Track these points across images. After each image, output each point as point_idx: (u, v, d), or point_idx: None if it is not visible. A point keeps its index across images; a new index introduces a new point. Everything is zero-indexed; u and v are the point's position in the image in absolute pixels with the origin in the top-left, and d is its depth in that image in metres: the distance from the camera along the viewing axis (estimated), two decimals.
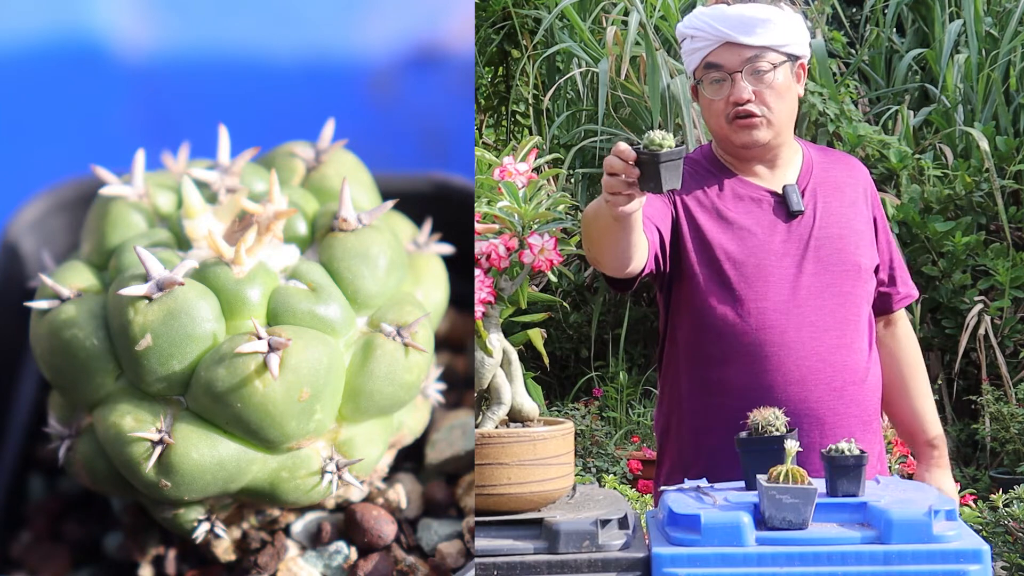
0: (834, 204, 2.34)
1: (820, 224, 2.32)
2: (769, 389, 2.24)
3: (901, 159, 5.29)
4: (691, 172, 2.35)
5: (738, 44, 2.27)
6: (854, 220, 2.35)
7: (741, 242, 2.28)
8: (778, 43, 2.28)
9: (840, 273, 2.30)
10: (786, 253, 2.29)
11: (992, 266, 5.11)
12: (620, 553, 1.85)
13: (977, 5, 5.86)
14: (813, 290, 2.28)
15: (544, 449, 1.93)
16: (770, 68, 2.27)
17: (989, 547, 1.81)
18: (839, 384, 2.28)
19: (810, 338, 2.27)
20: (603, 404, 5.46)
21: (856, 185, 2.39)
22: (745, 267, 2.27)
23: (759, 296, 2.27)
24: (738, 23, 2.27)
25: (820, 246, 2.30)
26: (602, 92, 5.40)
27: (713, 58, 2.29)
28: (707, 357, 2.29)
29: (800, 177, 2.36)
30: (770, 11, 2.29)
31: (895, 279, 2.43)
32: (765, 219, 2.31)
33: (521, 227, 1.95)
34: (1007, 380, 5.02)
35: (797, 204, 2.31)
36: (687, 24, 2.33)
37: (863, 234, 2.35)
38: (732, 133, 2.31)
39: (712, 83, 2.30)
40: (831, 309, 2.29)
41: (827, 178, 2.37)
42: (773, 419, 2.01)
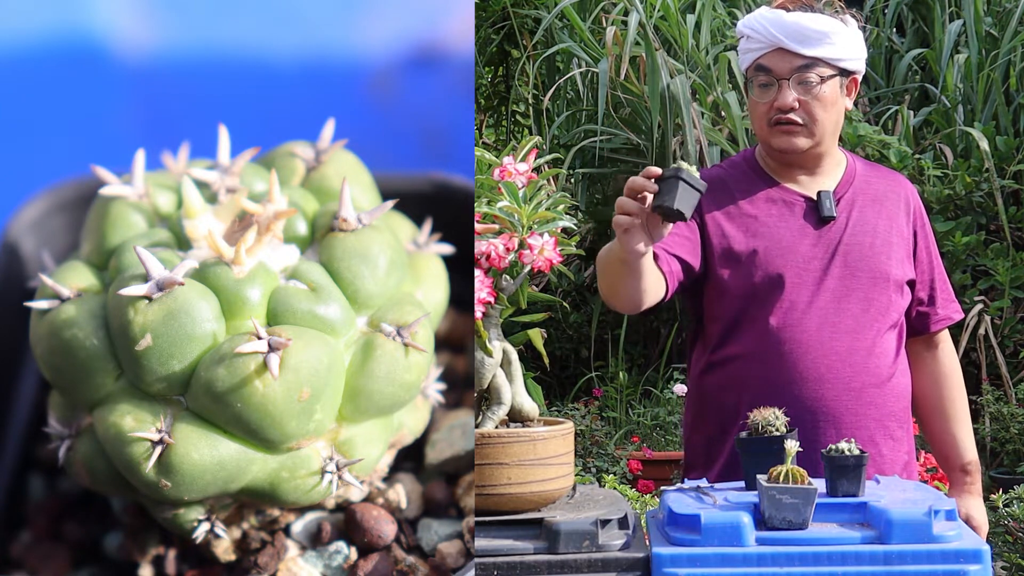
0: (870, 214, 2.35)
1: (852, 231, 2.33)
2: (786, 386, 2.26)
3: (901, 159, 5.29)
4: (727, 174, 2.38)
5: (790, 52, 2.28)
6: (889, 232, 2.35)
7: (768, 245, 2.30)
8: (831, 57, 2.28)
9: (867, 280, 2.31)
10: (814, 257, 2.30)
11: (992, 266, 5.11)
12: (620, 553, 1.85)
13: (977, 5, 5.86)
14: (837, 292, 2.29)
15: (544, 449, 1.93)
16: (818, 81, 2.28)
17: (989, 547, 1.81)
18: (858, 385, 2.28)
19: (829, 338, 2.28)
20: (603, 404, 5.46)
21: (898, 200, 2.39)
22: (774, 267, 2.29)
23: (781, 296, 2.28)
24: (794, 32, 2.27)
25: (848, 252, 2.31)
26: (602, 92, 5.40)
27: (764, 61, 2.30)
28: (728, 354, 2.32)
29: (839, 186, 2.36)
30: (830, 24, 2.28)
31: (935, 299, 2.42)
32: (795, 223, 2.33)
33: (521, 227, 1.95)
34: (1007, 380, 5.02)
35: (829, 210, 2.32)
36: (745, 23, 2.34)
37: (896, 246, 2.35)
38: (771, 136, 2.32)
39: (760, 86, 2.31)
40: (854, 313, 2.30)
41: (867, 189, 2.37)
42: (773, 419, 2.01)
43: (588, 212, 5.88)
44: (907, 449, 2.38)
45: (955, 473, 2.42)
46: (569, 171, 5.62)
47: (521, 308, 2.01)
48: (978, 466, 2.43)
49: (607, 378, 5.64)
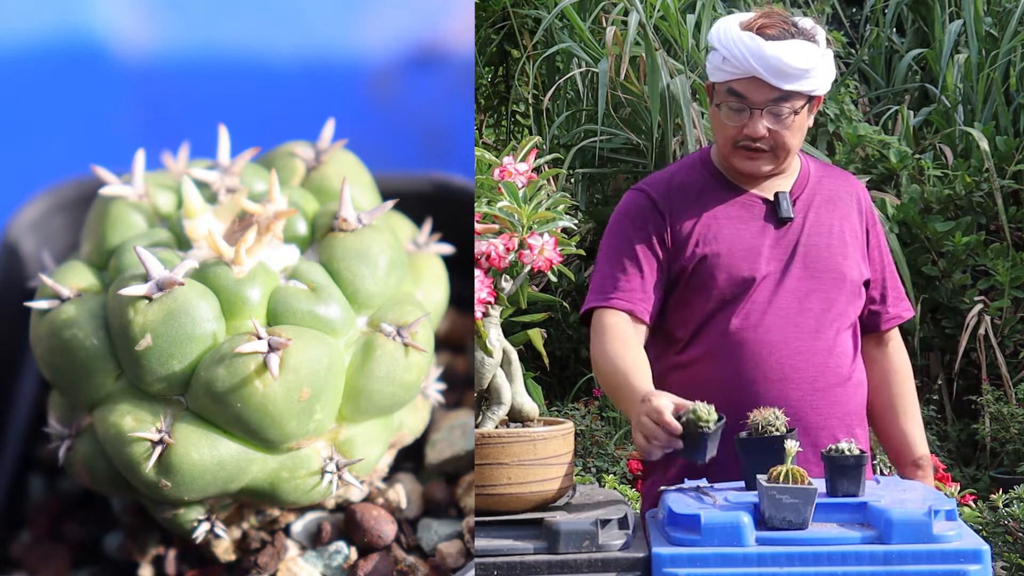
0: (825, 215, 2.37)
1: (809, 232, 2.34)
2: (750, 385, 2.26)
3: (901, 159, 5.29)
4: (687, 177, 2.38)
5: (767, 84, 2.25)
6: (844, 232, 2.37)
7: (730, 248, 2.31)
8: (807, 90, 2.28)
9: (826, 280, 2.33)
10: (773, 257, 2.32)
11: (992, 266, 5.11)
12: (620, 553, 1.85)
13: (977, 5, 5.86)
14: (797, 293, 2.31)
15: (544, 449, 1.93)
16: (790, 112, 2.28)
17: (989, 547, 1.81)
18: (822, 384, 2.30)
19: (793, 338, 2.29)
20: (603, 404, 5.45)
21: (851, 200, 2.42)
22: (732, 269, 2.30)
23: (744, 298, 2.29)
24: (775, 68, 2.24)
25: (807, 252, 2.33)
26: (602, 92, 5.40)
27: (739, 87, 2.27)
28: (692, 355, 2.32)
29: (795, 187, 2.38)
30: (809, 58, 2.26)
31: (886, 298, 2.44)
32: (755, 225, 2.34)
33: (521, 227, 1.95)
34: (1007, 380, 5.02)
35: (786, 211, 2.34)
36: (722, 42, 2.29)
37: (851, 246, 2.37)
38: (735, 157, 2.32)
39: (731, 109, 2.29)
40: (815, 313, 2.31)
41: (821, 190, 2.39)
42: (773, 419, 2.01)
43: (588, 212, 5.88)
44: (866, 447, 2.40)
45: (908, 468, 2.43)
46: (569, 171, 5.61)
47: (521, 308, 2.01)
48: (929, 460, 2.44)
49: None
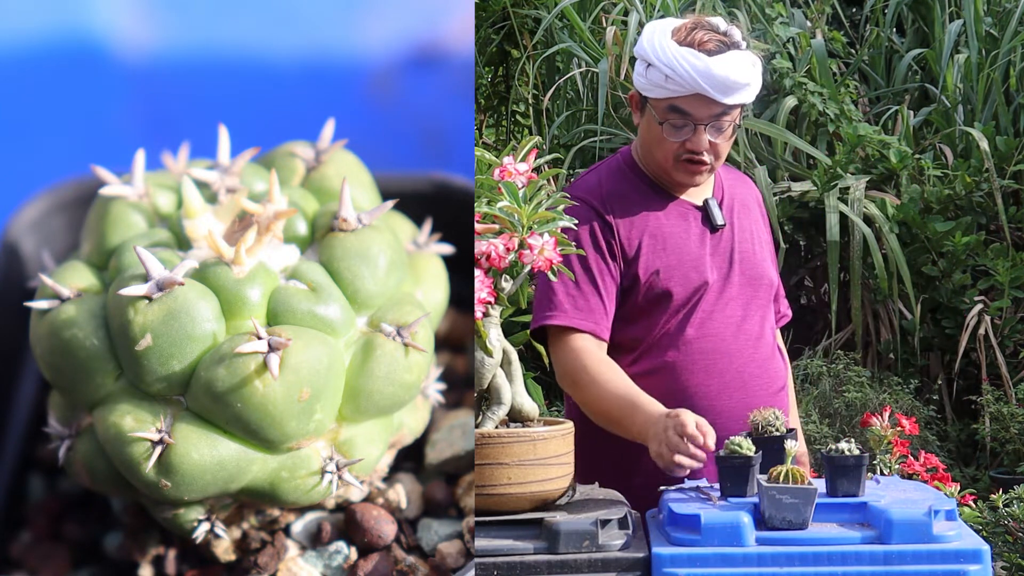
0: (746, 220, 2.41)
1: (739, 239, 2.38)
2: (717, 395, 2.29)
3: (901, 159, 5.28)
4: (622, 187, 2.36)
5: (711, 99, 2.26)
6: (761, 236, 2.42)
7: (679, 257, 2.32)
8: (745, 101, 2.29)
9: (759, 285, 2.37)
10: (714, 265, 2.34)
11: (992, 266, 5.11)
12: (620, 553, 1.85)
13: (977, 5, 5.85)
14: (740, 299, 2.34)
15: (544, 449, 1.93)
16: (731, 124, 2.30)
17: (989, 547, 1.81)
18: (775, 388, 2.36)
19: (744, 345, 2.33)
20: None
21: (755, 203, 2.47)
22: (685, 279, 2.31)
23: (695, 307, 2.31)
24: (720, 84, 2.24)
25: (743, 259, 2.36)
26: (602, 92, 5.40)
27: (682, 104, 2.27)
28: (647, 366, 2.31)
29: (715, 191, 2.40)
30: (750, 72, 2.27)
31: (778, 297, 2.49)
32: (694, 231, 2.35)
33: (521, 227, 1.95)
34: (1007, 380, 5.01)
35: (719, 218, 2.36)
36: (664, 61, 2.25)
37: (768, 251, 2.43)
38: (676, 172, 2.33)
39: (673, 126, 2.29)
40: (757, 320, 2.36)
41: (736, 195, 2.43)
42: (773, 419, 2.02)
43: None
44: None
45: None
46: (569, 171, 5.61)
47: (521, 308, 2.01)
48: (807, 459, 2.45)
49: None
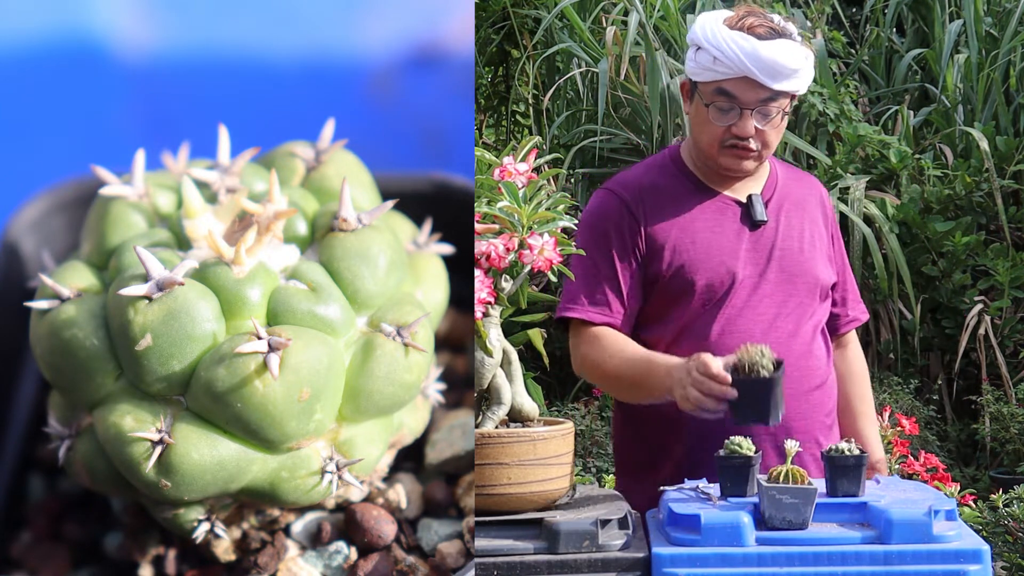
0: (795, 218, 2.38)
1: (783, 235, 2.35)
2: None
3: (901, 159, 5.29)
4: (660, 181, 2.36)
5: (758, 83, 2.24)
6: (813, 235, 2.39)
7: (707, 251, 2.31)
8: (794, 89, 2.28)
9: (800, 284, 2.34)
10: (749, 261, 2.32)
11: (992, 266, 5.11)
12: (620, 553, 1.85)
13: (977, 5, 5.86)
14: (775, 297, 2.32)
15: (544, 449, 1.93)
16: (778, 112, 2.27)
17: (989, 547, 1.81)
18: (804, 389, 2.32)
19: (777, 343, 2.27)
20: (603, 404, 5.45)
21: (815, 203, 2.43)
22: (711, 275, 2.30)
23: (723, 302, 2.29)
24: (768, 67, 2.23)
25: (783, 257, 2.34)
26: (602, 92, 5.40)
27: (729, 87, 2.26)
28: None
29: (765, 189, 2.38)
30: (800, 59, 2.25)
31: (846, 300, 2.46)
32: (730, 227, 2.34)
33: (521, 227, 1.95)
34: (1007, 380, 5.02)
35: (761, 214, 2.34)
36: (712, 43, 2.26)
37: (821, 250, 2.39)
38: (722, 157, 2.31)
39: (719, 109, 2.28)
40: (796, 318, 2.33)
41: (790, 194, 2.40)
42: (759, 356, 2.01)
43: None
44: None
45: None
46: (569, 171, 5.61)
47: (521, 308, 2.01)
48: (884, 464, 2.47)
49: None
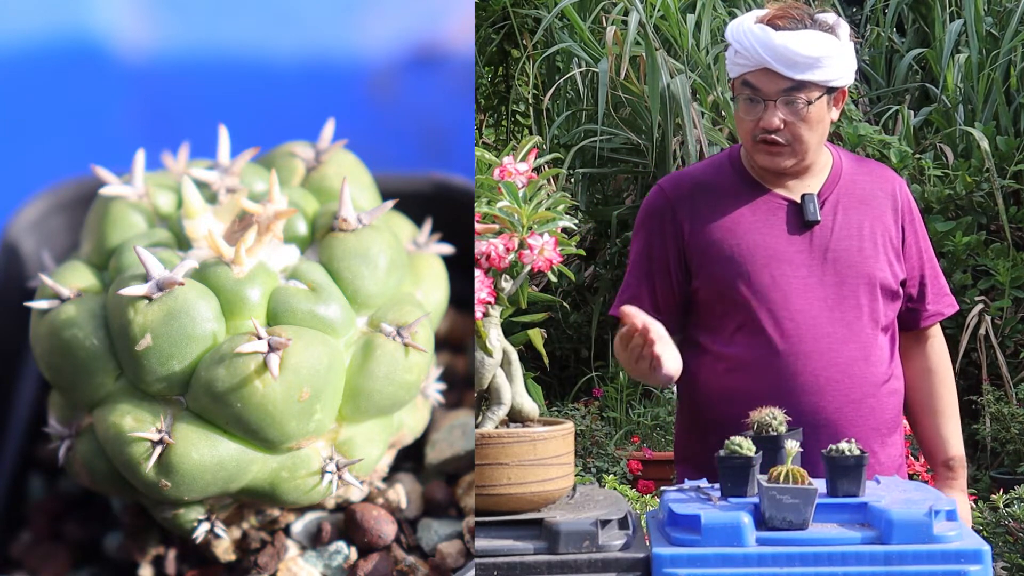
0: (855, 216, 2.31)
1: (838, 235, 2.29)
2: (785, 397, 2.19)
3: (901, 159, 5.29)
4: (714, 179, 2.35)
5: (778, 74, 2.22)
6: (875, 234, 2.32)
7: (756, 253, 2.27)
8: (821, 80, 2.23)
9: (857, 286, 2.28)
10: (803, 263, 2.28)
11: (992, 266, 5.11)
12: (620, 553, 1.85)
13: (977, 5, 5.86)
14: (830, 301, 2.27)
15: (544, 449, 1.93)
16: (805, 103, 2.23)
17: (990, 547, 1.81)
18: (857, 395, 2.27)
19: (827, 348, 2.25)
20: (603, 404, 5.45)
21: (886, 197, 2.36)
22: (761, 277, 2.26)
23: (776, 306, 2.26)
24: (782, 56, 2.21)
25: (837, 258, 2.28)
26: (602, 92, 5.40)
27: (751, 78, 2.25)
28: (725, 366, 2.29)
29: (824, 187, 2.33)
30: (821, 47, 2.22)
31: (924, 295, 2.39)
32: (782, 228, 2.29)
33: (521, 227, 1.95)
34: (1007, 380, 5.02)
35: (812, 214, 2.29)
36: (733, 34, 2.27)
37: (884, 248, 2.32)
38: (755, 152, 2.29)
39: (746, 101, 2.27)
40: (849, 321, 2.27)
41: (853, 190, 2.34)
42: (770, 419, 2.01)
43: (588, 212, 5.88)
44: (899, 452, 2.38)
45: (939, 468, 2.41)
46: (569, 171, 5.62)
47: (521, 308, 2.01)
48: (963, 462, 2.41)
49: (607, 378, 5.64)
